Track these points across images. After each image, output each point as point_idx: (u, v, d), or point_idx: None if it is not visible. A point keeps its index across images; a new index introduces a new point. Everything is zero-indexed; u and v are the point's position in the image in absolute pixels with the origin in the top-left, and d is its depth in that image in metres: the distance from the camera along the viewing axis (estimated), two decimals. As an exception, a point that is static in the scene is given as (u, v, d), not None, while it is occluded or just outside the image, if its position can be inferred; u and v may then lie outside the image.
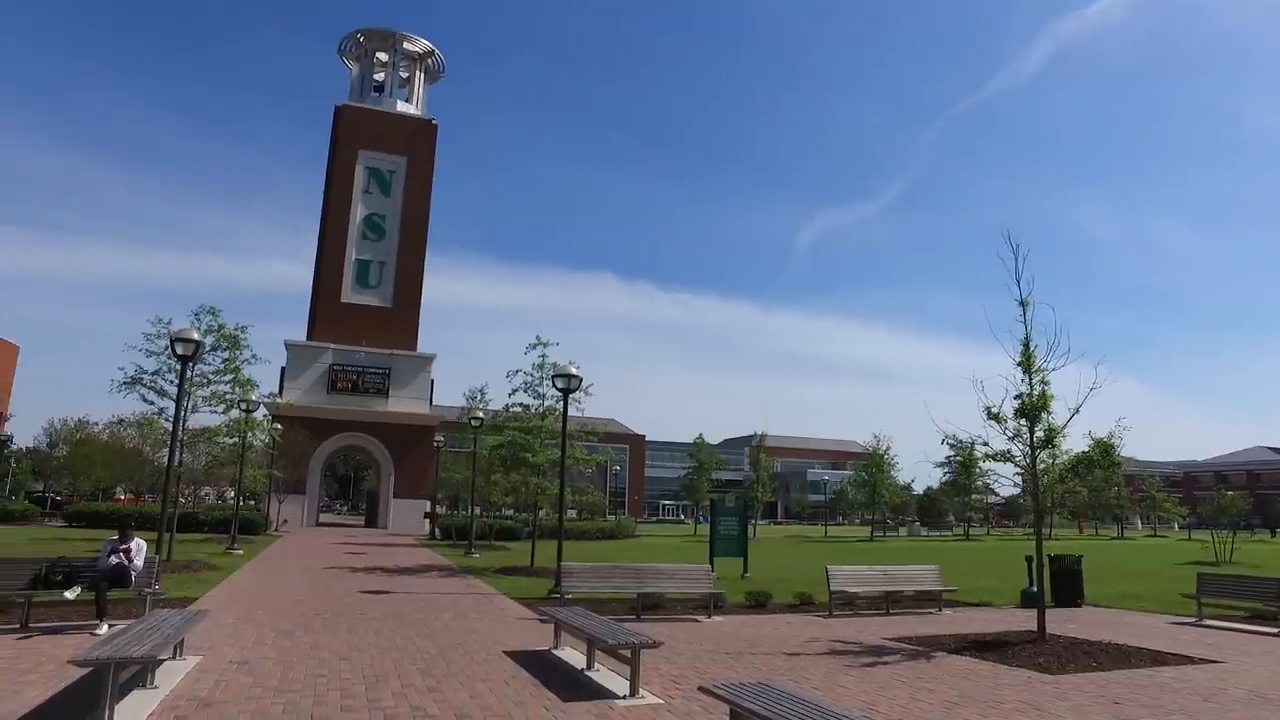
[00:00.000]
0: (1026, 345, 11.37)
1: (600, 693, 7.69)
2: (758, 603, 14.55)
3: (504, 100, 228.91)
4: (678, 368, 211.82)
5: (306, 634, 10.42)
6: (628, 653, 7.68)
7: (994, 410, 11.40)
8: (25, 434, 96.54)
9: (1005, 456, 11.54)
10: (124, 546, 11.00)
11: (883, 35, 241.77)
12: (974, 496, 63.21)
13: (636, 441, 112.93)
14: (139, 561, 11.06)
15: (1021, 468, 11.79)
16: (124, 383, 22.52)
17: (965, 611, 14.99)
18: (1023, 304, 11.47)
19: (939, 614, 14.47)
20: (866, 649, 10.63)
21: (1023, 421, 11.29)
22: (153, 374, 22.38)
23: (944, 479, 67.15)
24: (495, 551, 29.48)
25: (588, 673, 8.51)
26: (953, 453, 55.09)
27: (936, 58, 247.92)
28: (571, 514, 44.94)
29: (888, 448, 61.14)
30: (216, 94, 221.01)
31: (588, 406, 21.37)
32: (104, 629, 9.91)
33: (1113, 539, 61.18)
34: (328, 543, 31.48)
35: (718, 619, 13.13)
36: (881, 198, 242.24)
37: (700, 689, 6.40)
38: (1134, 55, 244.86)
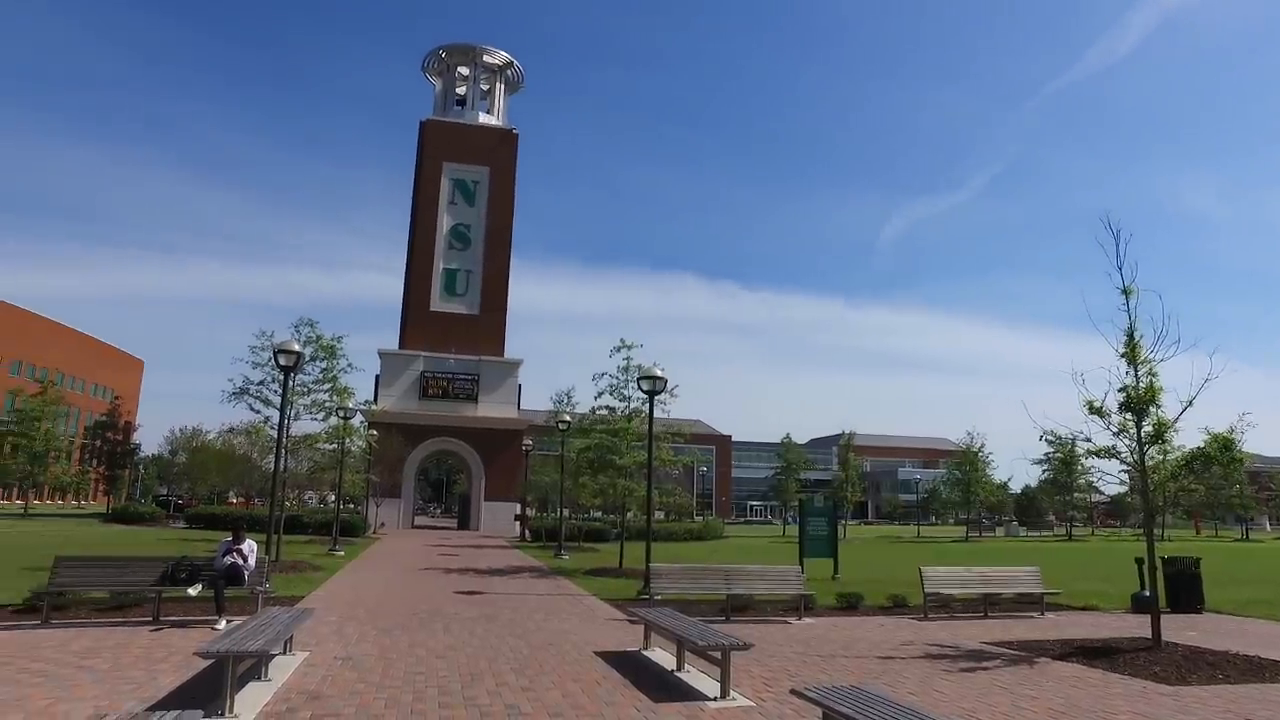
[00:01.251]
0: (1131, 335, 10.79)
1: (691, 694, 7.70)
2: (849, 604, 14.29)
3: (583, 106, 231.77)
4: (763, 367, 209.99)
5: (405, 633, 10.79)
6: (718, 654, 7.66)
7: (1096, 404, 10.86)
8: (151, 442, 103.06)
9: (1110, 453, 10.98)
10: (238, 547, 11.66)
11: (966, 14, 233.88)
12: (1076, 495, 60.35)
13: (722, 442, 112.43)
14: (251, 561, 11.70)
15: (1128, 465, 11.19)
16: (233, 393, 23.88)
17: (1070, 615, 14.35)
18: (1125, 292, 10.89)
19: (1041, 618, 13.89)
20: (964, 653, 10.30)
21: (1129, 416, 10.72)
22: (258, 384, 23.66)
23: (1043, 477, 64.44)
24: (584, 553, 29.80)
25: (678, 674, 8.53)
26: (1051, 449, 52.71)
27: (1025, 35, 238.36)
28: (659, 515, 45.05)
29: (981, 445, 59.13)
30: (311, 115, 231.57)
31: (673, 408, 21.44)
32: (222, 624, 10.50)
33: (1236, 541, 57.41)
34: (422, 544, 32.48)
35: (808, 621, 12.95)
36: (970, 186, 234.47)
37: (792, 692, 6.34)
38: (1246, 22, 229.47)
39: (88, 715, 6.32)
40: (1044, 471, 62.53)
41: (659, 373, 17.94)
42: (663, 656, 9.43)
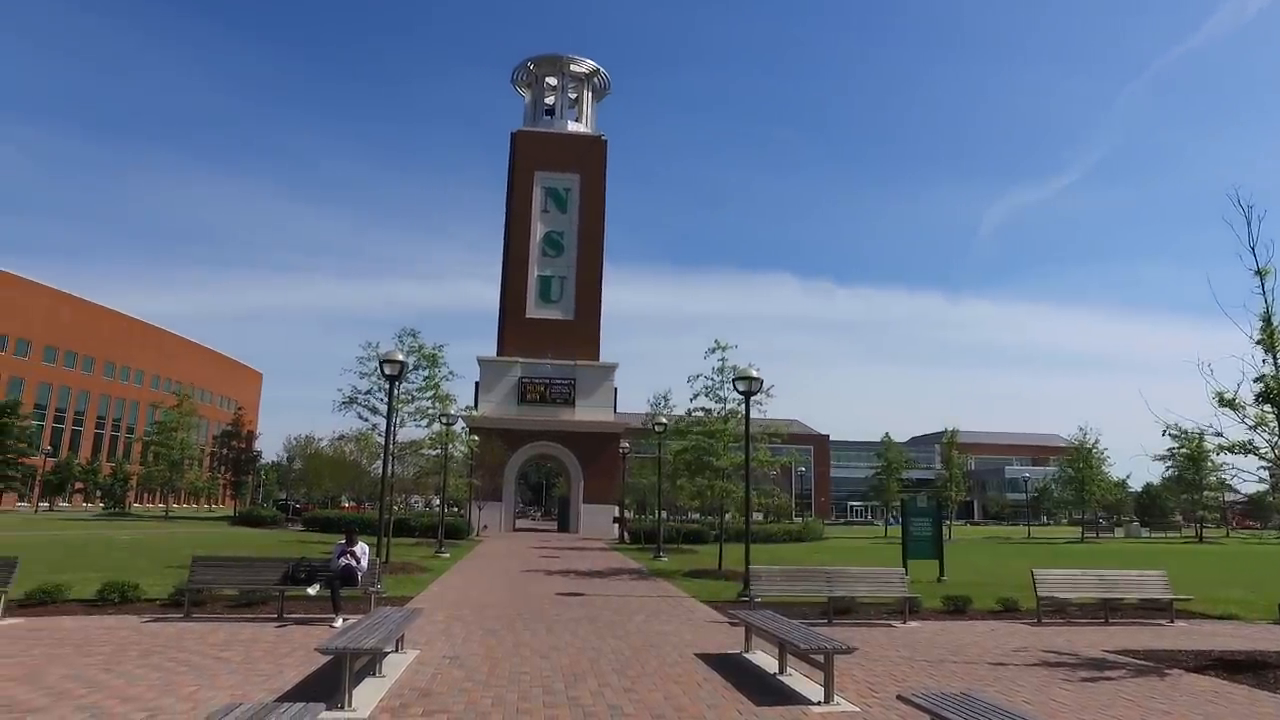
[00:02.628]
0: (1268, 320, 9.98)
1: (793, 697, 7.60)
2: (956, 608, 13.78)
3: (671, 108, 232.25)
4: (860, 365, 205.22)
5: (509, 632, 11.05)
6: (821, 657, 7.52)
7: (1228, 396, 10.11)
8: (270, 449, 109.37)
9: (1246, 448, 10.18)
10: (351, 549, 12.22)
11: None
12: (1206, 494, 56.23)
13: (820, 442, 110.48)
14: (364, 563, 12.25)
15: (1269, 461, 10.37)
16: (343, 402, 25.11)
17: (1204, 624, 13.38)
18: (1260, 273, 10.09)
19: (1170, 626, 13.03)
20: (1084, 661, 9.77)
21: (1267, 408, 9.92)
22: (366, 393, 24.80)
23: (1166, 474, 60.41)
24: (683, 554, 29.80)
25: (780, 677, 8.43)
26: (1176, 445, 49.29)
27: (1135, 5, 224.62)
28: (757, 516, 44.59)
29: (1096, 441, 55.89)
30: (410, 136, 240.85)
31: (769, 408, 21.25)
32: (339, 622, 11.03)
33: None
34: (524, 547, 33.20)
35: (913, 624, 12.57)
36: (1077, 168, 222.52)
37: (899, 698, 6.17)
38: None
39: (225, 703, 6.76)
40: (1167, 469, 58.56)
41: (754, 373, 17.78)
42: (764, 659, 9.34)
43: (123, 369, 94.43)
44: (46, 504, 76.84)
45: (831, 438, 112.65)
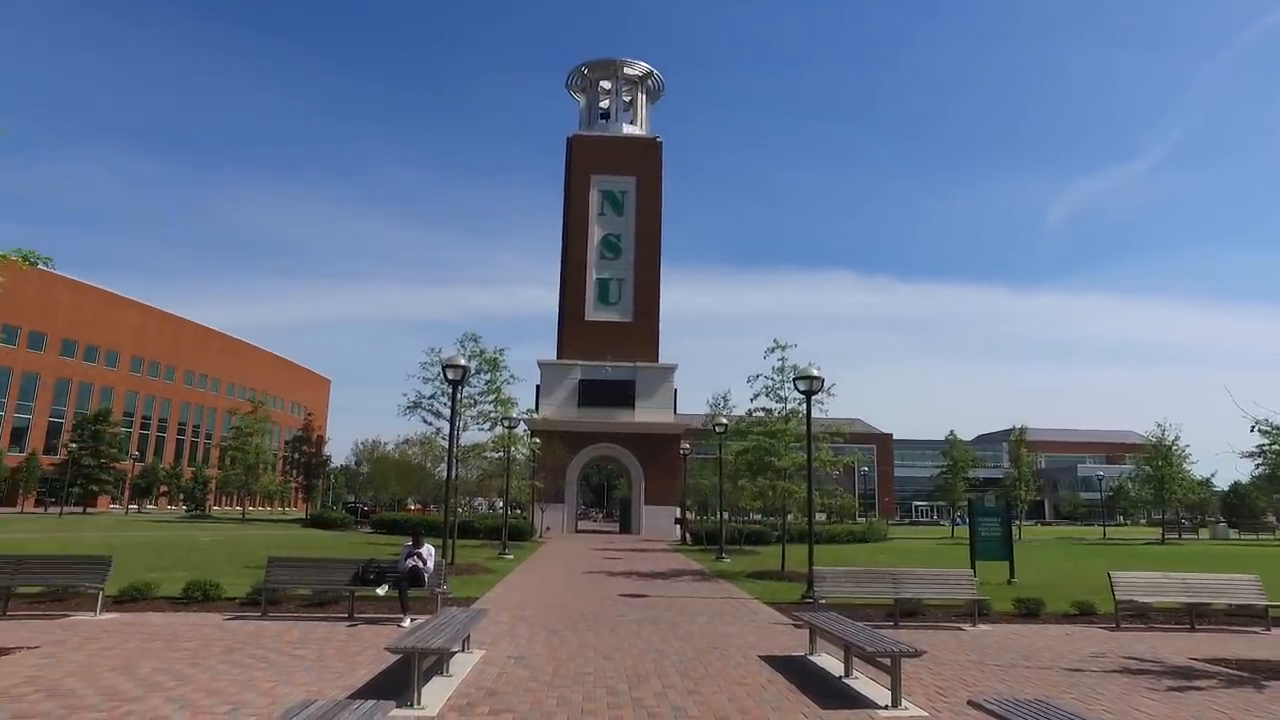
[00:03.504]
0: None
1: (859, 701, 7.48)
2: (1028, 611, 13.34)
3: (727, 107, 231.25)
4: (922, 362, 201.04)
5: (573, 633, 11.14)
6: (887, 661, 7.39)
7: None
8: (339, 454, 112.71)
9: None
10: (417, 551, 12.49)
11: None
12: (1302, 492, 53.29)
13: (883, 440, 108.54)
14: (430, 564, 12.50)
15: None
16: (407, 407, 25.73)
17: (1300, 630, 12.69)
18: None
19: (1266, 634, 12.38)
20: (1168, 669, 9.37)
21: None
22: (430, 398, 25.35)
23: (1256, 472, 57.38)
24: (745, 556, 29.61)
25: (845, 680, 8.31)
26: (1266, 441, 46.83)
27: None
28: (820, 517, 44.06)
29: (1175, 437, 53.46)
30: (470, 145, 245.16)
31: (831, 407, 20.98)
32: (407, 622, 11.28)
33: None
34: (586, 548, 33.41)
35: (983, 627, 12.25)
36: (1151, 153, 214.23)
37: (969, 703, 6.03)
38: None
39: (301, 699, 6.99)
40: (1257, 466, 55.62)
41: (815, 372, 17.58)
42: (829, 662, 9.22)
43: (201, 377, 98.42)
44: (135, 506, 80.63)
45: (895, 436, 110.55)
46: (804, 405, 18.31)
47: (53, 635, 9.92)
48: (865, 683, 8.17)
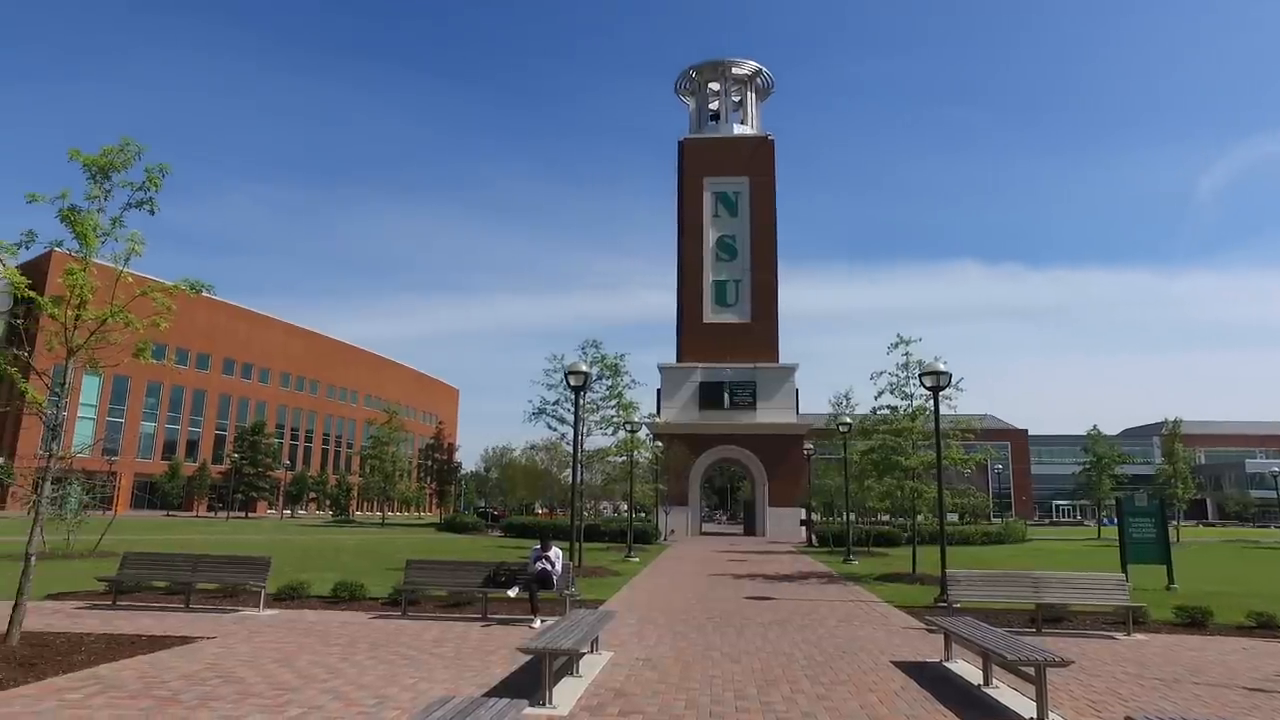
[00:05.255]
0: None
1: (1001, 713, 7.13)
2: (1193, 620, 12.29)
3: (839, 100, 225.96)
4: (1058, 353, 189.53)
5: (700, 635, 11.15)
6: (1031, 670, 6.98)
7: None
8: (469, 460, 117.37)
9: None
10: (546, 554, 12.84)
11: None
12: None
13: (1018, 437, 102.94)
14: (559, 567, 12.83)
15: None
16: (532, 413, 26.48)
17: None
18: None
19: None
20: (1362, 684, 8.41)
21: None
22: (553, 404, 26.00)
23: None
24: (873, 558, 28.82)
25: (985, 689, 7.94)
26: None
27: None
28: (952, 518, 42.28)
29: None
30: (583, 155, 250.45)
31: (960, 403, 20.13)
32: (538, 623, 11.61)
33: None
34: (711, 551, 33.36)
35: (1139, 637, 11.37)
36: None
37: (1127, 719, 5.61)
38: None
39: (440, 695, 7.33)
40: None
41: (941, 367, 16.94)
42: (966, 669, 8.83)
43: (341, 390, 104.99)
44: (289, 511, 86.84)
45: (1030, 432, 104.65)
46: (931, 402, 17.68)
47: (226, 627, 10.83)
48: (1007, 693, 7.77)
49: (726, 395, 52.37)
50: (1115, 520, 20.03)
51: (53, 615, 11.47)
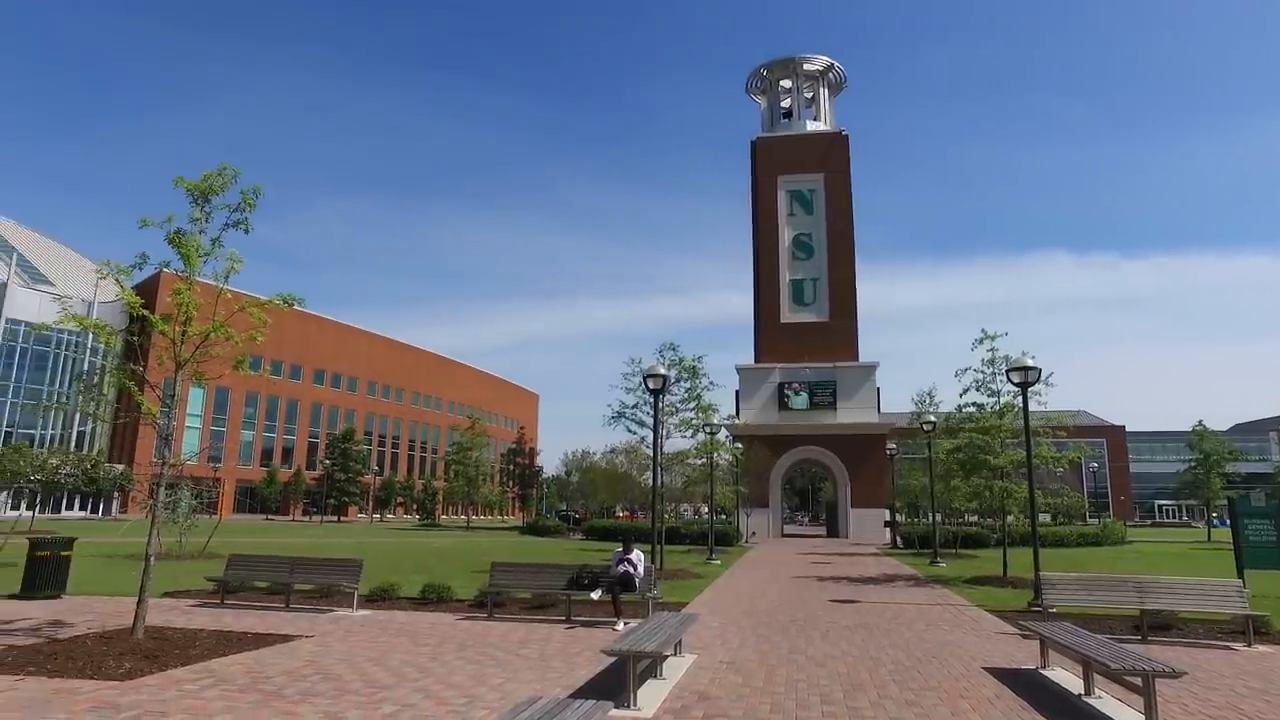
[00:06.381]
0: None
1: (1105, 722, 6.82)
2: (1323, 631, 11.44)
3: (915, 91, 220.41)
4: (1157, 344, 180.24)
5: (784, 639, 11.05)
6: (1138, 680, 6.65)
7: None
8: (549, 464, 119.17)
9: None
10: (628, 557, 12.93)
11: None
12: None
13: (1114, 433, 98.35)
14: (641, 569, 12.89)
15: None
16: (611, 417, 26.69)
17: None
18: None
19: None
20: None
21: None
22: (632, 408, 26.16)
23: None
24: (961, 560, 28.00)
25: (1086, 699, 7.61)
26: None
27: None
28: (1044, 519, 40.65)
29: None
30: (655, 159, 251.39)
31: (1050, 399, 19.40)
32: (620, 626, 11.70)
33: None
34: (793, 553, 32.95)
35: (1261, 649, 10.64)
36: None
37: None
38: None
39: (528, 695, 7.48)
40: None
41: (1030, 362, 16.34)
42: (1064, 677, 8.49)
43: (425, 397, 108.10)
44: (378, 515, 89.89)
45: (1128, 428, 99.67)
46: (1019, 399, 17.07)
47: (323, 627, 11.30)
48: (1111, 703, 7.43)
49: (806, 395, 51.69)
50: (1227, 522, 18.82)
51: (170, 612, 12.21)
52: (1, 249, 73.87)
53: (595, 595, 12.47)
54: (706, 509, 35.62)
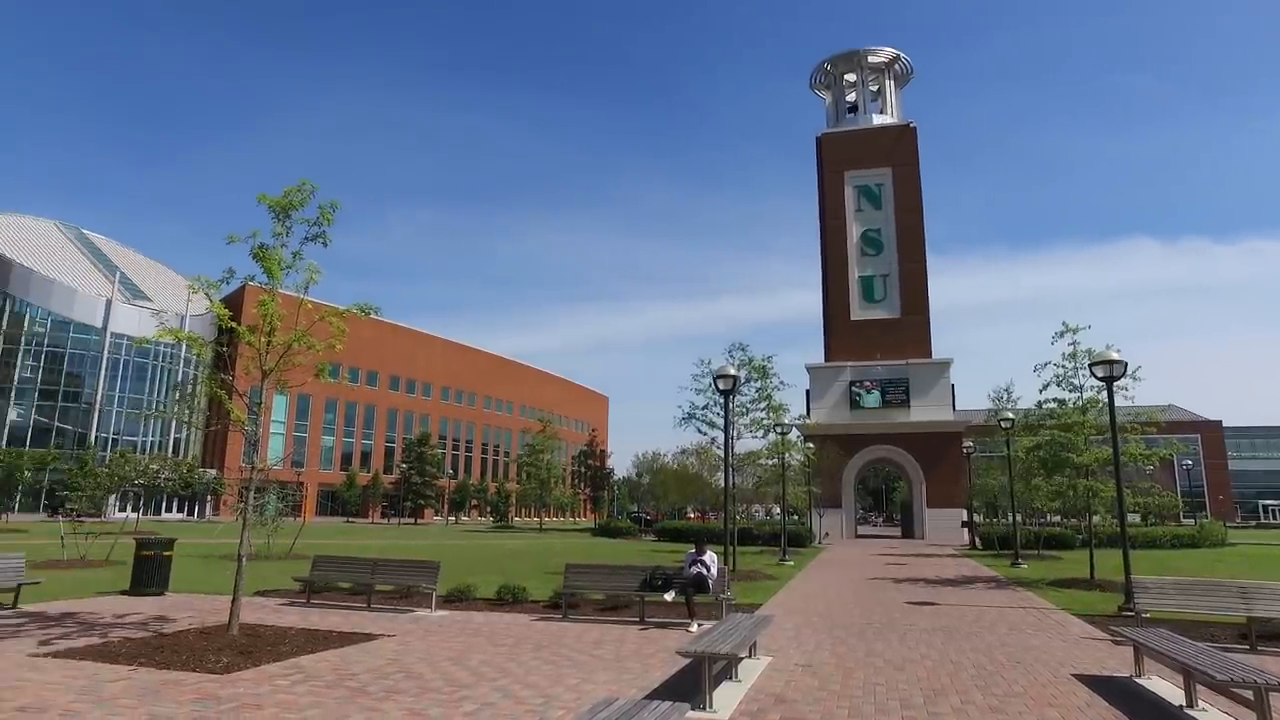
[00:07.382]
0: None
1: (1207, 734, 6.48)
2: None
3: (986, 79, 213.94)
4: (1257, 334, 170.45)
5: (861, 641, 10.86)
6: (1249, 693, 6.27)
7: None
8: (620, 466, 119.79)
9: None
10: (701, 558, 12.90)
11: None
12: None
13: (1210, 429, 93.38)
14: (714, 571, 12.84)
15: None
16: (682, 419, 26.70)
17: None
18: None
19: None
20: None
21: None
22: (703, 408, 26.12)
23: None
24: (1044, 562, 27.04)
25: (1188, 711, 7.22)
26: None
27: None
28: (1134, 519, 38.90)
29: None
30: (719, 158, 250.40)
31: (1137, 393, 18.55)
32: (694, 627, 11.69)
33: None
34: (867, 554, 32.36)
35: (1382, 657, 9.97)
36: None
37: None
38: None
39: (604, 696, 7.54)
40: None
41: (1115, 355, 15.67)
42: (1162, 687, 8.11)
43: (497, 401, 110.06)
44: (453, 518, 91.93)
45: (1225, 424, 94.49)
46: (1103, 393, 16.38)
47: (403, 626, 11.63)
48: (1217, 716, 7.02)
49: (878, 393, 50.72)
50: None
51: (261, 610, 12.74)
52: (105, 268, 78.32)
53: (669, 597, 12.49)
54: (779, 510, 35.25)
